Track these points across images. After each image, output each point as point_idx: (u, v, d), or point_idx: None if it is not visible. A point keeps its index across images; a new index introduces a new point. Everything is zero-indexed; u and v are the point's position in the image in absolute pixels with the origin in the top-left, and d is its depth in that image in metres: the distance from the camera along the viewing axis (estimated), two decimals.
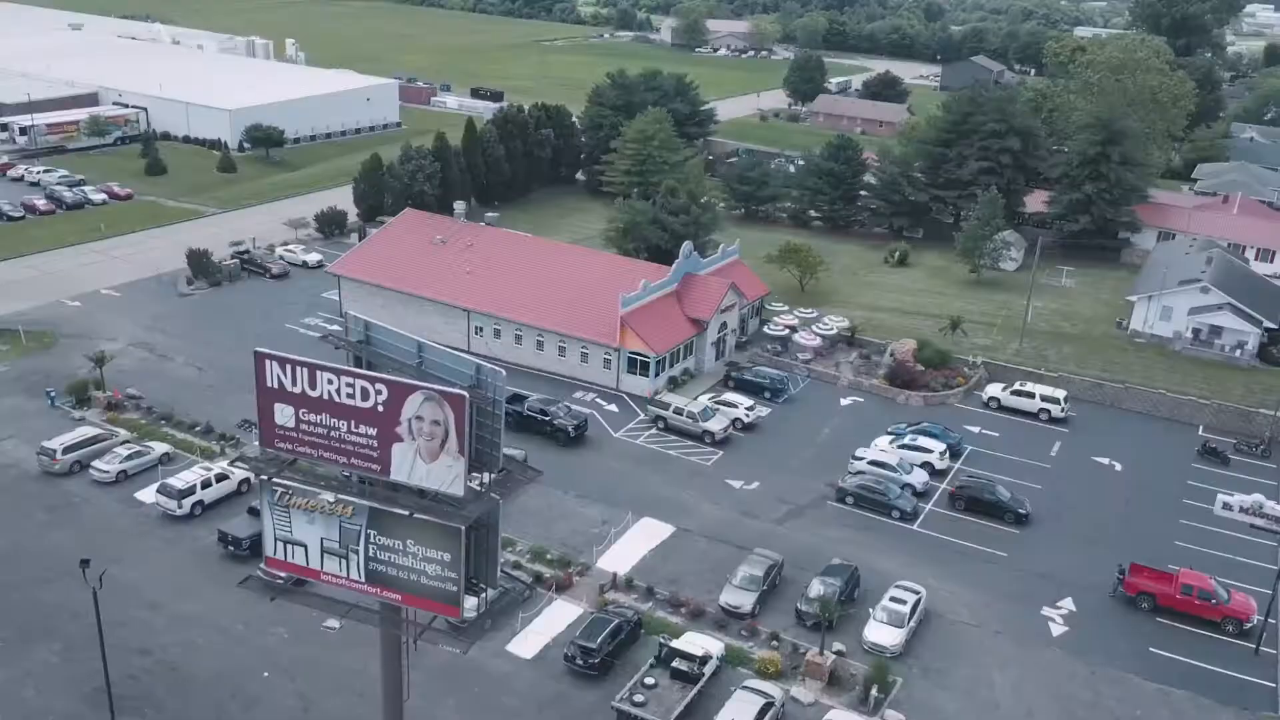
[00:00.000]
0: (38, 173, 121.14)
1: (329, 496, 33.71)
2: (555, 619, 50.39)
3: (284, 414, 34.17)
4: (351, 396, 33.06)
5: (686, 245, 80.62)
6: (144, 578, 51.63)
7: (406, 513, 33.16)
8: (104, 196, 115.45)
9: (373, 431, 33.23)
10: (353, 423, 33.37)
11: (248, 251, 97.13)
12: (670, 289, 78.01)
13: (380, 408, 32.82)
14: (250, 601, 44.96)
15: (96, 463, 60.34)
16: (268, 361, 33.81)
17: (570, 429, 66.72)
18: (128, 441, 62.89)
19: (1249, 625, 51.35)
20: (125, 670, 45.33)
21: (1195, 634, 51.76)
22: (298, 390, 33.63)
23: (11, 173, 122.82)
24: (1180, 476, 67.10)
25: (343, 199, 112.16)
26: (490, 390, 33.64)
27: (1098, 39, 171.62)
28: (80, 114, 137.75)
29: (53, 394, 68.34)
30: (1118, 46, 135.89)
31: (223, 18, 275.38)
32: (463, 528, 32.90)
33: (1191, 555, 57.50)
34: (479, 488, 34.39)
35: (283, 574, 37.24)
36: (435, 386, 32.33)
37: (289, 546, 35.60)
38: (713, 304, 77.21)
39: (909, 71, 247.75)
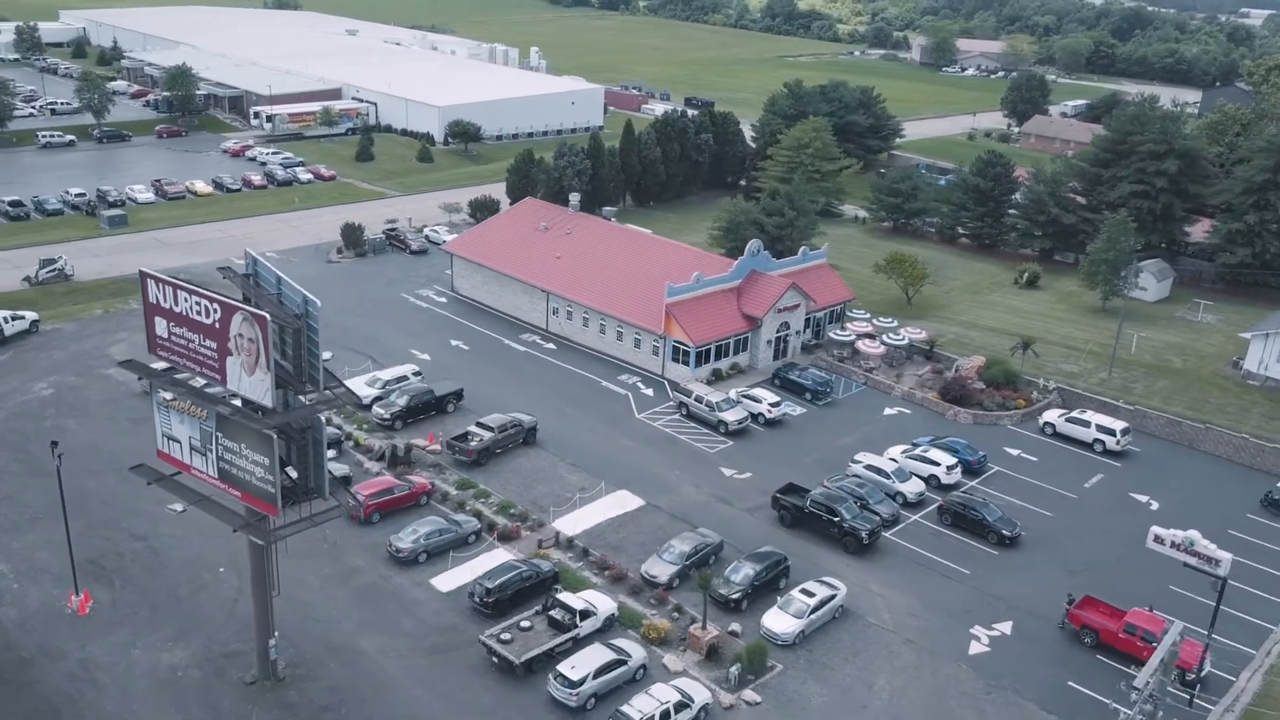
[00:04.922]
0: (267, 154, 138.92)
1: (167, 394, 39.67)
2: (485, 563, 54.18)
3: (160, 326, 40.56)
4: (199, 314, 38.90)
5: (753, 243, 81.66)
6: None
7: (228, 412, 38.59)
8: (310, 176, 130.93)
9: (213, 345, 38.89)
10: (201, 336, 39.20)
11: (396, 229, 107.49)
12: (731, 284, 79.52)
13: (216, 325, 38.43)
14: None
15: None
16: (149, 280, 40.30)
17: (864, 534, 56.42)
18: None
19: (1192, 676, 46.98)
20: (116, 549, 53.98)
21: (1132, 676, 47.84)
22: (168, 306, 39.89)
23: (249, 154, 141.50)
24: (1224, 524, 61.21)
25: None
26: (309, 318, 38.48)
27: None
28: (316, 106, 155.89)
29: None
30: None
31: (496, 28, 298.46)
32: (273, 434, 37.85)
33: (1186, 602, 52.86)
34: (305, 402, 39.36)
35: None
36: (249, 308, 37.52)
37: (170, 441, 42.03)
38: (768, 303, 77.95)
39: (1171, 97, 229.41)
